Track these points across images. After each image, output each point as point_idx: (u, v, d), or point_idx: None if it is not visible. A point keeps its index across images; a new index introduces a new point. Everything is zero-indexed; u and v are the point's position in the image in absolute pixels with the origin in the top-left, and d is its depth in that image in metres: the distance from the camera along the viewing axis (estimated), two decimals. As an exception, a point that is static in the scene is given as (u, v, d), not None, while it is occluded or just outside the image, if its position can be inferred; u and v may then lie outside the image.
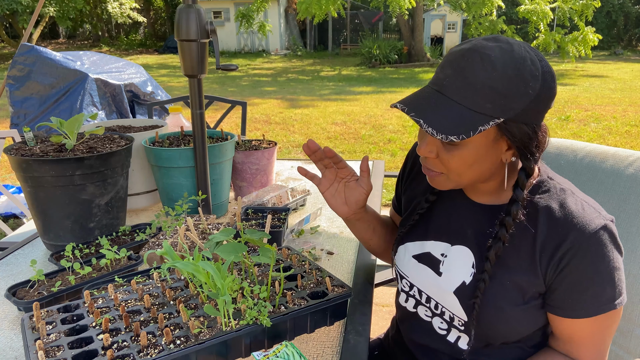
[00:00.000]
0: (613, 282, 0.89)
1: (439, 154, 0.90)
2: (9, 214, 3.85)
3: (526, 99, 0.82)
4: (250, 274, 1.12)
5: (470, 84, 0.82)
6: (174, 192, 1.62)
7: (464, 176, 0.92)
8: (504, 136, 0.86)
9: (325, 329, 1.07)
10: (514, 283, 0.93)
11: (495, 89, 0.81)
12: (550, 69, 0.85)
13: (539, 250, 0.91)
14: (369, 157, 5.99)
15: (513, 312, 0.94)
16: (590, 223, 0.88)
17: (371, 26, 23.26)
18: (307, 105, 9.53)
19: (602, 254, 0.88)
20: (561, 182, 0.96)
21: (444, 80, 0.85)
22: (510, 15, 17.85)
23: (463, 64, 0.83)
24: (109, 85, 5.42)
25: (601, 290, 0.89)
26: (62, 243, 1.38)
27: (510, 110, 0.82)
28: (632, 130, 7.13)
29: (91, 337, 0.91)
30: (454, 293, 0.99)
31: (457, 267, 1.00)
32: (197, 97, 1.52)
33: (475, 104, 0.82)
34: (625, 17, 24.41)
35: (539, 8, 13.22)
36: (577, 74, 14.29)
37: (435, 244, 1.05)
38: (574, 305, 0.90)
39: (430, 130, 0.82)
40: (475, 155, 0.88)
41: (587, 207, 0.91)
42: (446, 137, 0.81)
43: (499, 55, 0.81)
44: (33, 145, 1.43)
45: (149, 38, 26.78)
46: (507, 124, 0.84)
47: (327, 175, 1.10)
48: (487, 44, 0.83)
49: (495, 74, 0.80)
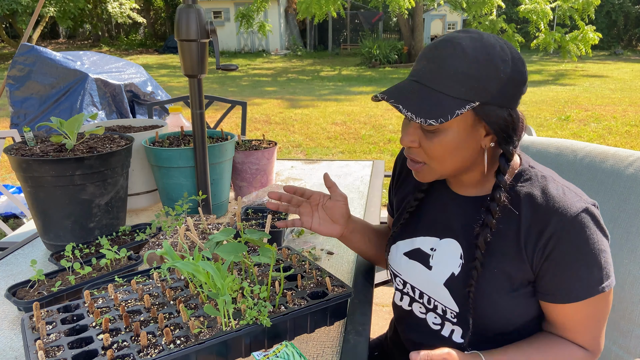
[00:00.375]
0: (599, 265, 0.90)
1: (421, 142, 0.94)
2: (9, 214, 3.85)
3: (498, 82, 0.87)
4: (250, 274, 1.12)
5: (444, 71, 0.87)
6: (174, 192, 1.62)
7: (445, 164, 0.94)
8: (482, 121, 0.90)
9: (325, 329, 1.07)
10: (502, 271, 0.95)
11: (468, 74, 0.86)
12: (519, 55, 0.90)
13: (523, 237, 0.93)
14: (369, 157, 6.00)
15: (502, 300, 0.95)
16: (571, 207, 0.90)
17: (371, 26, 23.26)
18: (307, 105, 9.53)
19: (585, 236, 0.89)
20: (542, 170, 0.99)
21: (420, 70, 0.90)
22: (510, 15, 17.86)
23: (437, 54, 0.88)
24: (109, 85, 5.42)
25: (588, 273, 0.90)
26: (62, 243, 1.38)
27: (484, 93, 0.86)
28: (632, 130, 7.13)
29: (91, 337, 0.91)
30: (444, 285, 1.02)
31: (446, 259, 1.02)
32: (197, 97, 1.52)
33: (450, 90, 0.87)
34: (625, 17, 24.41)
35: (539, 7, 13.21)
36: (577, 74, 14.29)
37: (425, 240, 1.07)
38: (563, 290, 0.92)
39: (409, 114, 0.86)
40: (456, 141, 0.91)
41: (568, 192, 0.93)
42: (425, 121, 0.85)
43: (469, 43, 0.87)
44: (33, 145, 1.43)
45: (149, 38, 26.79)
46: (483, 108, 0.88)
47: (304, 212, 1.16)
48: (458, 35, 0.89)
49: (467, 59, 0.86)
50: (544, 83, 12.42)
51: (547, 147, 1.48)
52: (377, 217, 1.71)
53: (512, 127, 0.91)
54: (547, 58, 19.09)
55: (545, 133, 7.05)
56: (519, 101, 0.92)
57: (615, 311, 1.22)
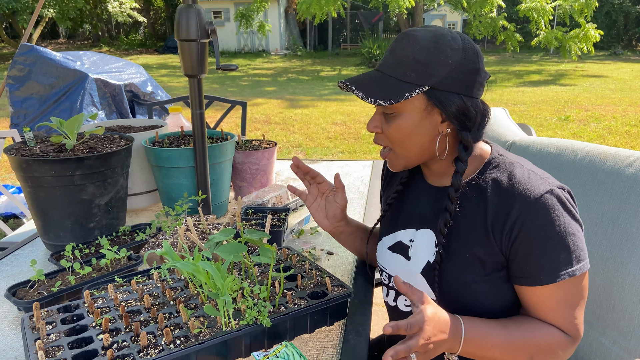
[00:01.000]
0: (567, 247, 0.91)
1: (382, 128, 1.00)
2: (9, 214, 3.85)
3: (446, 67, 0.92)
4: (250, 274, 1.12)
5: (398, 58, 0.95)
6: (174, 192, 1.62)
7: (406, 148, 1.00)
8: (435, 107, 0.95)
9: (325, 329, 1.07)
10: (473, 255, 0.97)
11: (417, 60, 0.92)
12: (473, 46, 0.96)
13: (490, 222, 0.95)
14: (369, 157, 6.00)
15: (477, 286, 0.97)
16: (534, 189, 0.92)
17: (371, 26, 23.26)
18: (307, 105, 9.53)
19: (550, 217, 0.91)
20: (511, 157, 1.02)
21: (382, 61, 0.99)
22: (510, 14, 17.85)
23: (395, 45, 0.97)
24: (109, 85, 5.42)
25: (556, 255, 0.91)
26: (62, 243, 1.38)
27: (432, 77, 0.92)
28: (632, 130, 7.13)
29: (91, 337, 0.91)
30: (421, 274, 1.04)
31: (422, 249, 1.05)
32: (197, 97, 1.52)
33: (402, 75, 0.93)
34: (625, 17, 24.40)
35: (539, 6, 13.21)
36: (577, 74, 14.29)
37: (405, 232, 1.11)
38: (532, 272, 0.93)
39: (360, 95, 0.93)
40: (411, 124, 0.96)
41: (533, 175, 0.95)
42: (375, 101, 0.92)
43: (422, 34, 0.94)
44: (33, 145, 1.43)
45: (149, 38, 26.78)
46: (434, 93, 0.93)
47: (312, 191, 1.21)
48: (415, 28, 0.97)
49: (417, 47, 0.93)
50: (544, 83, 12.42)
51: (547, 147, 1.48)
52: (377, 217, 1.71)
53: (465, 113, 0.94)
54: (547, 58, 19.09)
55: (545, 133, 7.05)
56: (477, 90, 0.96)
57: (615, 311, 1.22)
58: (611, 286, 1.22)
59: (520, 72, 14.79)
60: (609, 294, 1.23)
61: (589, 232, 1.29)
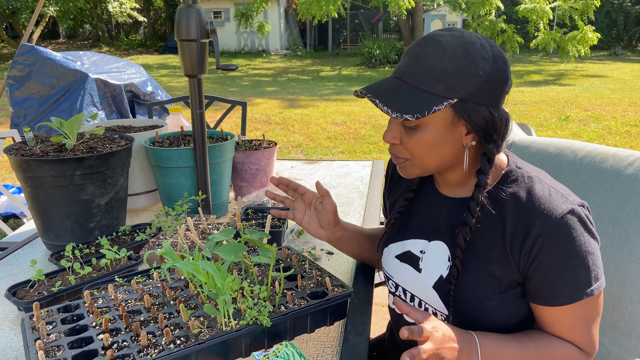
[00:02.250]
0: (587, 267, 0.89)
1: (402, 139, 0.94)
2: (9, 214, 3.85)
3: (477, 79, 0.86)
4: (250, 274, 1.12)
5: (423, 67, 0.88)
6: (174, 192, 1.62)
7: (427, 160, 0.94)
8: (461, 119, 0.89)
9: (325, 329, 1.07)
10: (489, 272, 0.94)
11: (446, 70, 0.86)
12: (502, 54, 0.90)
13: (509, 238, 0.92)
14: (369, 157, 6.00)
15: (491, 302, 0.95)
16: (557, 208, 0.89)
17: (371, 26, 23.26)
18: (307, 105, 9.53)
19: (571, 238, 0.88)
20: (529, 171, 0.98)
21: (402, 67, 0.91)
22: (510, 15, 17.85)
23: (418, 51, 0.90)
24: (109, 85, 5.42)
25: (576, 276, 0.89)
26: (62, 243, 1.38)
27: (462, 89, 0.86)
28: (632, 130, 7.13)
29: (91, 337, 0.91)
30: (433, 288, 1.01)
31: (434, 262, 1.02)
32: (197, 97, 1.52)
33: (429, 86, 0.87)
34: (625, 17, 24.39)
35: (538, 7, 13.20)
36: (577, 74, 14.29)
37: (414, 242, 1.07)
38: (551, 292, 0.91)
39: (385, 109, 0.87)
40: (435, 137, 0.91)
41: (554, 193, 0.92)
42: (401, 116, 0.86)
43: (449, 40, 0.88)
44: (33, 145, 1.43)
45: (149, 38, 26.76)
46: (462, 105, 0.88)
47: (298, 207, 1.17)
48: (440, 33, 0.90)
49: (446, 56, 0.86)
50: (544, 83, 12.42)
51: (547, 147, 1.48)
52: (377, 217, 1.72)
53: (492, 125, 0.90)
54: (547, 58, 19.09)
55: (545, 133, 7.05)
56: (502, 100, 0.92)
57: (615, 311, 1.22)
58: (611, 286, 1.22)
59: (520, 72, 14.79)
60: (609, 294, 1.23)
61: (589, 232, 1.29)
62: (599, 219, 1.27)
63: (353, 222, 1.48)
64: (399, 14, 15.57)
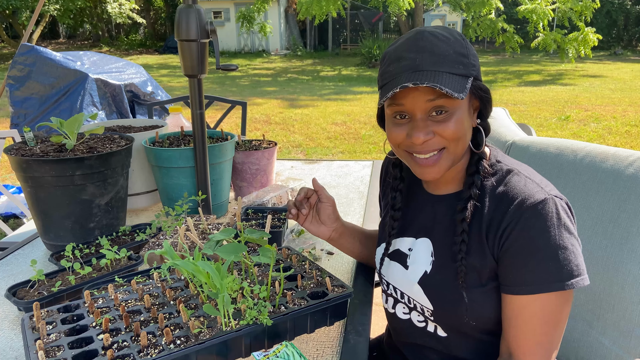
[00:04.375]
0: (557, 260, 0.87)
1: (435, 131, 0.93)
2: (9, 214, 3.85)
3: (476, 58, 0.94)
4: (250, 274, 1.12)
5: (438, 55, 0.89)
6: (174, 192, 1.62)
7: (462, 142, 0.95)
8: (473, 97, 0.95)
9: (325, 329, 1.07)
10: (469, 265, 0.95)
11: (459, 52, 0.91)
12: None
13: (485, 229, 0.93)
14: (369, 157, 6.00)
15: (473, 295, 0.96)
16: (529, 197, 0.89)
17: (371, 26, 23.26)
18: (307, 105, 9.53)
19: (541, 227, 0.87)
20: (509, 164, 0.99)
21: (415, 61, 0.90)
22: (510, 15, 17.85)
23: (423, 44, 0.90)
24: (109, 85, 5.42)
25: (543, 267, 0.87)
26: (62, 243, 1.38)
27: (474, 68, 0.92)
28: (632, 130, 7.13)
29: (91, 337, 0.91)
30: (418, 283, 1.03)
31: (420, 258, 1.04)
32: (197, 97, 1.52)
33: (453, 68, 0.90)
34: (625, 17, 24.40)
35: (539, 8, 13.20)
36: (577, 74, 14.29)
37: (404, 240, 1.10)
38: (515, 280, 0.90)
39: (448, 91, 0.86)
40: (464, 117, 0.94)
41: (530, 183, 0.93)
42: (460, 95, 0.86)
43: (440, 30, 0.93)
44: (33, 145, 1.43)
45: (149, 38, 26.76)
46: (475, 83, 0.93)
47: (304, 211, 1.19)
48: (424, 28, 0.93)
49: (451, 41, 0.91)
50: (544, 83, 12.41)
51: (547, 147, 1.47)
52: (377, 217, 1.71)
53: (489, 99, 0.97)
54: (547, 58, 19.09)
55: (545, 133, 7.05)
56: None
57: (615, 311, 1.22)
58: (611, 286, 1.22)
59: (520, 72, 14.79)
60: (609, 294, 1.23)
61: (589, 232, 1.28)
62: (599, 219, 1.27)
63: (353, 222, 1.48)
64: (399, 14, 15.56)
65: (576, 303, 1.32)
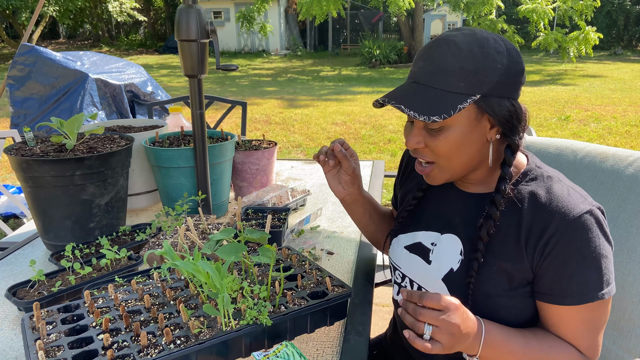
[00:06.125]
0: (600, 269, 0.88)
1: (427, 142, 0.94)
2: (9, 214, 3.85)
3: (496, 73, 0.88)
4: (250, 274, 1.12)
5: (441, 68, 0.88)
6: (174, 192, 1.62)
7: (454, 160, 0.94)
8: (485, 114, 0.90)
9: (325, 329, 1.07)
10: (500, 269, 0.94)
11: (465, 68, 0.87)
12: (512, 46, 0.92)
13: (524, 235, 0.92)
14: (369, 157, 6.00)
15: (500, 299, 0.95)
16: (574, 207, 0.89)
17: (371, 26, 23.26)
18: (307, 105, 9.53)
19: (587, 238, 0.88)
20: (548, 171, 0.98)
21: (418, 71, 0.92)
22: (510, 15, 17.85)
23: (432, 53, 0.90)
24: (109, 85, 5.42)
25: (587, 277, 0.88)
26: (62, 243, 1.38)
27: (483, 85, 0.87)
28: (632, 130, 7.13)
29: (91, 337, 0.91)
30: (442, 280, 1.02)
31: (446, 254, 1.02)
32: (197, 97, 1.52)
33: (450, 85, 0.88)
34: (626, 17, 24.40)
35: (539, 7, 13.20)
36: (577, 74, 14.29)
37: (426, 234, 1.08)
38: (561, 291, 0.90)
39: (412, 113, 0.87)
40: (461, 136, 0.91)
41: (573, 193, 0.92)
42: (429, 118, 0.86)
43: (462, 39, 0.89)
44: (33, 145, 1.43)
45: (149, 38, 26.77)
46: (485, 100, 0.89)
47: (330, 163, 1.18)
48: (450, 33, 0.91)
49: (463, 54, 0.87)
50: (544, 83, 12.42)
51: (547, 147, 1.48)
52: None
53: (517, 117, 0.92)
54: (547, 58, 19.09)
55: (545, 133, 7.05)
56: (519, 92, 0.93)
57: (615, 311, 1.22)
58: (611, 286, 1.22)
59: (520, 72, 14.77)
60: (609, 294, 1.23)
61: (589, 232, 1.28)
62: (599, 219, 1.27)
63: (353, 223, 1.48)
64: (399, 14, 15.56)
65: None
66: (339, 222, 1.65)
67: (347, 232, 1.58)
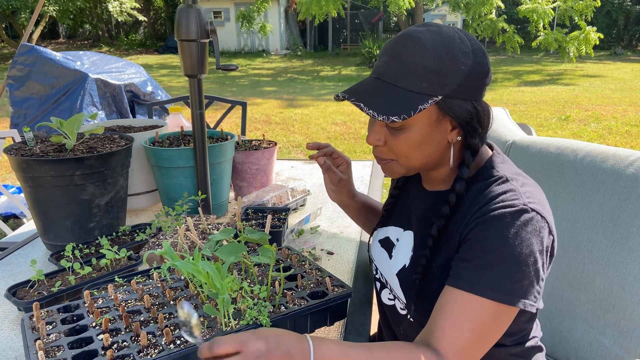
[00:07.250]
0: (507, 274, 0.82)
1: (387, 140, 0.94)
2: (9, 214, 3.84)
3: (459, 74, 0.86)
4: (250, 274, 1.12)
5: (404, 66, 0.86)
6: (174, 192, 1.62)
7: (412, 159, 0.94)
8: (446, 115, 0.89)
9: (325, 329, 1.07)
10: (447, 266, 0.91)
11: (428, 68, 0.85)
12: (480, 46, 0.89)
13: (461, 230, 0.91)
14: (369, 157, 6.00)
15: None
16: (505, 201, 0.86)
17: (371, 26, 23.26)
18: (307, 105, 9.53)
19: (502, 234, 0.83)
20: (502, 171, 0.94)
21: (382, 67, 0.90)
22: (511, 15, 17.85)
23: (397, 49, 0.88)
24: (109, 85, 5.42)
25: (488, 269, 0.83)
26: (62, 243, 1.38)
27: (445, 86, 0.86)
28: (632, 130, 7.13)
29: (91, 337, 0.91)
30: (396, 275, 1.04)
31: (403, 250, 1.04)
32: (197, 97, 1.52)
33: (412, 85, 0.86)
34: (626, 17, 24.40)
35: (539, 7, 13.20)
36: (577, 74, 14.29)
37: (394, 230, 1.11)
38: (456, 272, 0.87)
39: (371, 112, 0.85)
40: (420, 136, 0.90)
41: (514, 192, 0.88)
42: (387, 118, 0.85)
43: (428, 36, 0.86)
44: (33, 145, 1.43)
45: (149, 38, 26.77)
46: (447, 102, 0.87)
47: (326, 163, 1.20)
48: (417, 29, 0.89)
49: (427, 53, 0.85)
50: (543, 83, 12.42)
51: (547, 147, 1.48)
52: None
53: (478, 119, 0.90)
54: (547, 58, 19.09)
55: (545, 133, 7.05)
56: (484, 93, 0.91)
57: (616, 311, 1.22)
58: (611, 286, 1.22)
59: (520, 72, 14.79)
60: (609, 293, 1.23)
61: (589, 232, 1.28)
62: (599, 219, 1.27)
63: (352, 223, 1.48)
64: (399, 14, 15.57)
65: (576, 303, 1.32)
66: (339, 222, 1.65)
67: (347, 232, 1.58)
